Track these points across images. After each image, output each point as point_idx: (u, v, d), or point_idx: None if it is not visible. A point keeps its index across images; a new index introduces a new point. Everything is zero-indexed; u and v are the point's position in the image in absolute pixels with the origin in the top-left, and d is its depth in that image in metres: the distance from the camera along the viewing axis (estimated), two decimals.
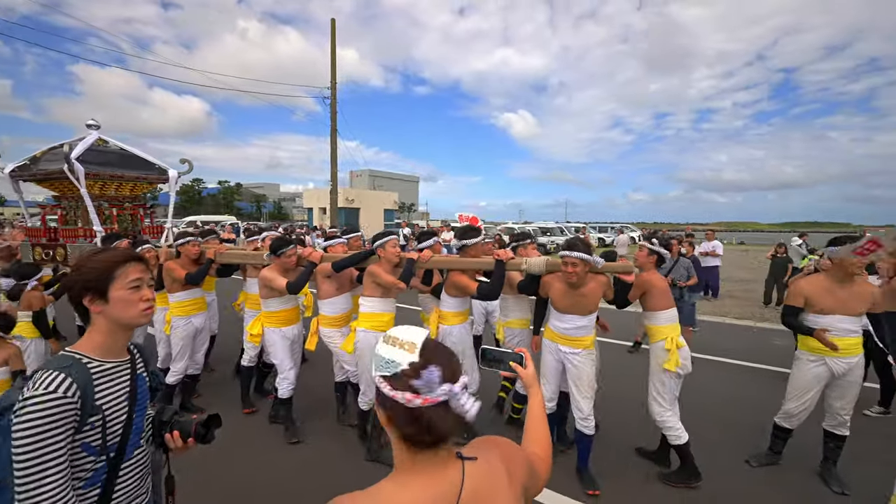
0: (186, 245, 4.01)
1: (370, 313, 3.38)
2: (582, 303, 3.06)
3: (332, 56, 18.28)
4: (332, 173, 19.19)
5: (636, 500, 2.96)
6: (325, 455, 3.46)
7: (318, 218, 32.85)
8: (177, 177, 5.84)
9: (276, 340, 3.70)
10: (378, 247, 3.41)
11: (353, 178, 73.19)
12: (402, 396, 0.79)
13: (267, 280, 3.57)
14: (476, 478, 0.88)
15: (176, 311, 4.00)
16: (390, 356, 0.83)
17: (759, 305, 9.75)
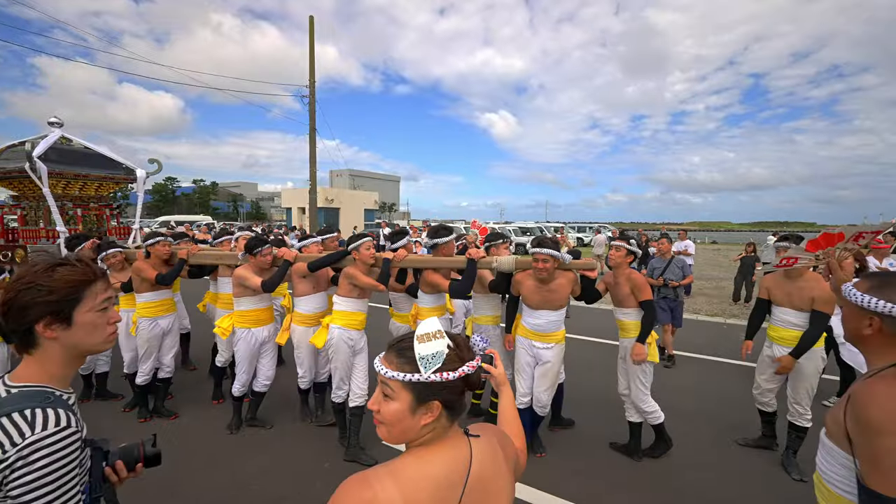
0: (156, 245, 3.92)
1: (345, 312, 3.45)
2: (552, 298, 3.20)
3: (311, 54, 18.03)
4: (311, 173, 18.92)
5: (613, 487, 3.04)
6: (299, 457, 3.42)
7: (297, 218, 32.35)
8: (145, 177, 5.69)
9: (242, 342, 3.71)
10: (353, 249, 3.45)
11: (334, 177, 72.37)
12: (467, 367, 0.92)
13: (241, 279, 3.59)
14: (481, 453, 0.96)
15: (142, 311, 3.92)
16: (433, 350, 0.90)
17: (730, 302, 10.08)
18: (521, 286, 3.31)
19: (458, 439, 0.95)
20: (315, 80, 18.17)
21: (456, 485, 0.89)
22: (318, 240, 4.06)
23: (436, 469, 0.89)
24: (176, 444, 3.58)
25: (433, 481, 0.87)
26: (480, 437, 0.99)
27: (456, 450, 0.93)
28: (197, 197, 64.75)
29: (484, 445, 0.98)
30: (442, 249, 3.62)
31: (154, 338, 3.94)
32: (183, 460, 3.35)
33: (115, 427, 3.87)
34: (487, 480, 0.94)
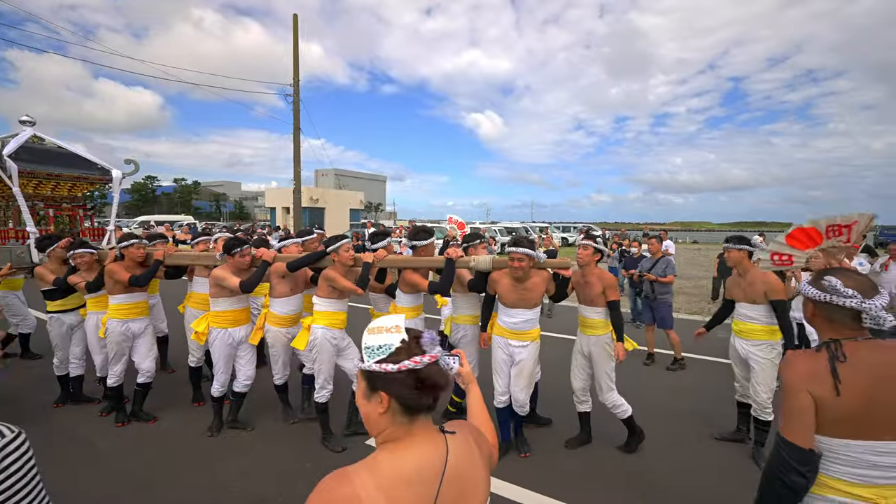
0: (130, 248, 3.83)
1: (327, 312, 3.48)
2: (527, 297, 3.26)
3: (295, 53, 17.85)
4: (296, 172, 18.73)
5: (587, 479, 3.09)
6: (280, 457, 3.40)
7: (281, 218, 31.97)
8: (121, 178, 5.52)
9: (218, 342, 3.68)
10: (332, 251, 3.46)
11: (319, 177, 71.71)
12: (410, 362, 0.91)
13: (219, 279, 3.56)
14: (457, 449, 0.98)
15: (113, 313, 3.83)
16: (381, 342, 0.94)
17: (708, 301, 10.32)
18: (497, 285, 3.35)
19: (433, 436, 0.97)
20: (299, 79, 18.01)
21: (432, 480, 0.90)
22: (298, 241, 4.05)
23: (410, 464, 0.90)
24: (155, 448, 3.53)
25: (408, 476, 0.89)
26: (456, 433, 1.01)
27: (431, 446, 0.94)
28: (178, 196, 63.47)
29: (460, 441, 1.00)
30: (421, 251, 3.67)
31: (125, 340, 3.86)
32: (162, 463, 3.32)
33: (91, 432, 3.80)
34: (464, 476, 0.96)
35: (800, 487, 1.38)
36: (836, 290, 1.43)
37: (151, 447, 3.54)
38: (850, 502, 1.37)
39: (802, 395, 1.38)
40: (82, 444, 3.60)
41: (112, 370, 3.89)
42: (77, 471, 3.24)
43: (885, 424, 1.33)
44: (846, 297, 1.41)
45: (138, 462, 3.34)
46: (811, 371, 1.39)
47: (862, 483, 1.36)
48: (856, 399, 1.33)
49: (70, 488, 3.01)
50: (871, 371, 1.35)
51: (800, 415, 1.39)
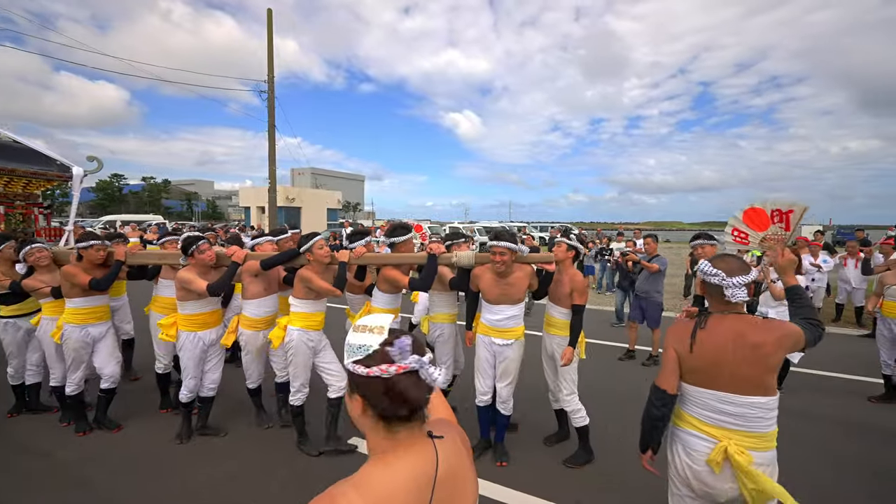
0: (90, 250, 3.58)
1: (304, 313, 3.37)
2: (510, 292, 3.21)
3: (270, 48, 17.45)
4: (271, 171, 18.32)
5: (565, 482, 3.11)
6: (253, 463, 3.30)
7: (256, 217, 31.24)
8: (82, 175, 5.21)
9: (188, 346, 3.53)
10: (306, 250, 3.34)
11: (295, 176, 70.46)
12: (378, 370, 0.86)
13: (184, 282, 3.37)
14: (446, 454, 0.95)
15: (70, 318, 3.57)
16: (361, 341, 0.90)
17: (680, 298, 10.61)
18: (479, 280, 3.30)
19: (423, 444, 0.93)
20: (274, 75, 17.62)
21: (423, 489, 0.87)
22: (272, 239, 3.91)
23: (401, 476, 0.87)
24: (120, 456, 3.37)
25: (399, 489, 0.85)
26: (445, 437, 0.97)
27: (420, 455, 0.91)
28: (147, 195, 61.23)
29: (448, 446, 0.97)
30: (400, 248, 3.59)
31: (83, 346, 3.63)
32: (128, 472, 3.17)
33: (53, 442, 3.59)
34: (454, 480, 0.93)
35: (656, 417, 1.87)
36: (704, 270, 1.86)
37: (115, 456, 3.38)
38: (702, 436, 1.80)
39: (670, 350, 1.88)
40: (40, 456, 3.40)
41: (70, 378, 3.68)
42: (35, 482, 3.07)
43: (725, 380, 1.75)
44: (711, 276, 1.82)
45: (101, 472, 3.19)
46: (678, 334, 1.88)
47: (711, 423, 1.79)
48: (704, 357, 1.78)
49: (27, 500, 2.85)
50: (721, 338, 1.76)
51: (666, 364, 1.89)
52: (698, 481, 1.82)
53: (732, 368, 1.73)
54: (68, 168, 5.29)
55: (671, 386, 1.85)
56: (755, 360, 1.70)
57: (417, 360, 0.88)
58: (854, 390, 4.78)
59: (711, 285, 1.83)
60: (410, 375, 0.87)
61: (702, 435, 1.80)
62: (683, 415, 1.89)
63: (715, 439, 1.77)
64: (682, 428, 1.89)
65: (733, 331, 1.75)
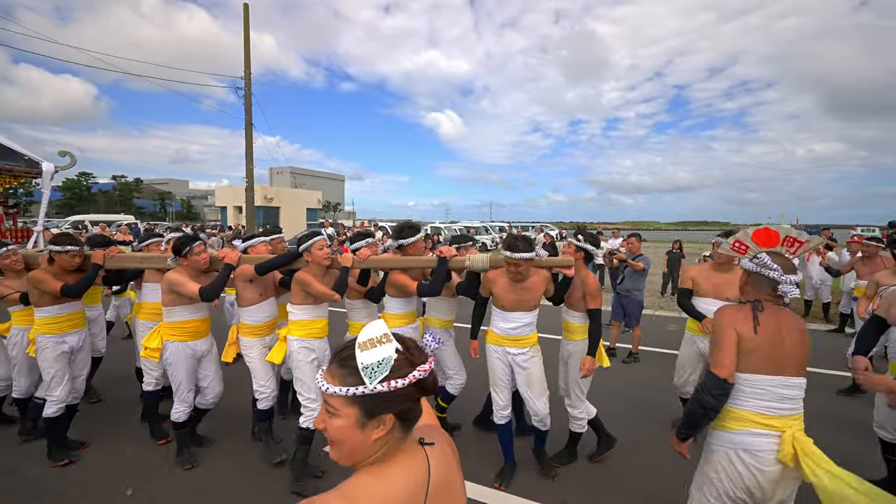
0: (63, 255, 3.21)
1: (303, 321, 3.11)
2: (526, 298, 3.00)
3: (246, 45, 17.08)
4: (248, 169, 17.93)
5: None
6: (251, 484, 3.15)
7: (232, 217, 30.55)
8: (52, 171, 4.88)
9: (178, 357, 3.18)
10: (304, 250, 3.10)
11: (274, 175, 69.20)
12: (419, 372, 0.83)
13: (174, 284, 3.07)
14: (437, 461, 0.91)
15: (43, 328, 3.23)
16: (379, 357, 0.82)
17: (657, 295, 10.84)
18: (493, 285, 3.06)
19: (415, 451, 0.88)
20: (251, 72, 17.25)
21: (416, 499, 0.84)
22: (266, 239, 3.64)
23: (395, 487, 0.82)
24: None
25: (392, 500, 0.81)
26: (434, 444, 0.94)
27: (413, 464, 0.87)
28: (118, 195, 59.11)
29: (438, 452, 0.93)
30: (409, 250, 3.32)
31: (62, 357, 3.28)
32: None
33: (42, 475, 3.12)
34: (446, 488, 0.91)
35: (710, 406, 1.76)
36: (765, 263, 1.87)
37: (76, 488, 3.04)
38: (768, 432, 1.70)
39: (729, 331, 1.78)
40: (6, 471, 3.16)
41: (52, 395, 3.25)
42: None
43: (787, 362, 1.73)
44: (771, 270, 1.84)
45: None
46: (737, 315, 1.82)
47: (773, 414, 1.71)
48: (768, 337, 1.74)
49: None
50: (779, 321, 1.78)
51: (726, 345, 1.77)
52: (766, 484, 1.68)
53: (791, 350, 1.74)
54: (37, 164, 4.96)
55: (730, 372, 1.75)
56: (803, 342, 1.77)
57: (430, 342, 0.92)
58: (823, 384, 4.95)
59: (765, 278, 1.86)
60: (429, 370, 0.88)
61: (766, 431, 1.70)
62: (739, 414, 1.75)
63: (779, 431, 1.69)
64: (736, 430, 1.74)
65: (784, 315, 1.81)
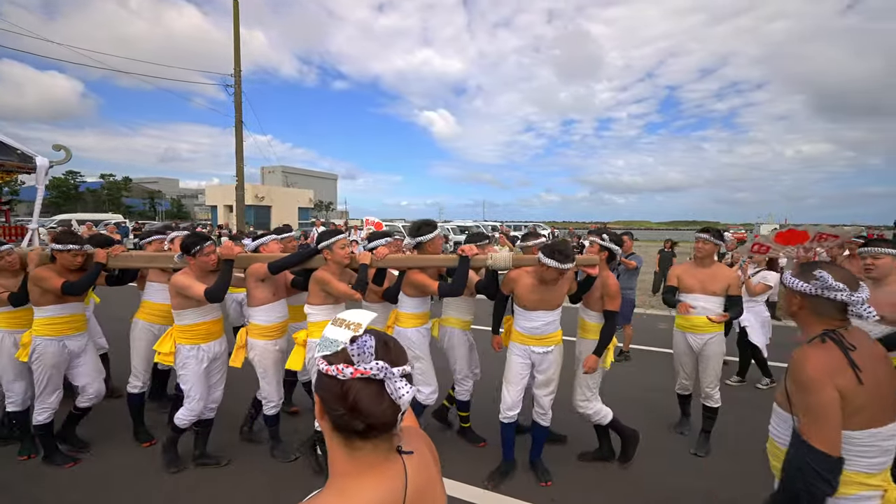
0: (65, 254, 3.09)
1: (323, 322, 3.01)
2: (549, 298, 2.97)
3: (236, 41, 16.91)
4: (238, 168, 17.76)
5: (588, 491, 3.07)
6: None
7: (223, 216, 30.27)
8: (47, 166, 4.68)
9: (191, 361, 3.09)
10: (325, 248, 3.02)
11: (265, 174, 68.67)
12: (334, 369, 0.75)
13: (181, 287, 2.97)
14: (416, 472, 0.85)
15: (43, 329, 3.09)
16: (334, 335, 0.81)
17: (649, 294, 10.90)
18: (515, 284, 3.03)
19: (389, 463, 0.82)
20: (241, 70, 17.09)
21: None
22: (277, 237, 3.56)
23: (363, 501, 0.77)
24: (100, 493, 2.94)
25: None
26: (413, 452, 0.88)
27: (386, 477, 0.80)
28: (106, 193, 58.28)
29: (416, 460, 0.88)
30: (427, 247, 3.25)
31: (61, 364, 3.15)
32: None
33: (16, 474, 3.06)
34: (423, 497, 0.86)
35: (825, 493, 1.32)
36: (827, 283, 1.43)
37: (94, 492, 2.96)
38: (872, 492, 1.37)
39: (829, 389, 1.32)
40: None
41: (44, 402, 3.14)
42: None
43: (887, 405, 1.37)
44: (836, 291, 1.42)
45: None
46: (832, 363, 1.36)
47: (875, 472, 1.38)
48: (870, 384, 1.33)
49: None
50: (866, 352, 1.38)
51: (829, 412, 1.32)
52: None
53: (888, 387, 1.38)
54: (31, 158, 4.75)
55: (837, 445, 1.33)
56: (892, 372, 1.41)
57: (381, 368, 0.75)
58: None
59: (829, 301, 1.43)
60: (370, 384, 0.75)
61: (871, 492, 1.39)
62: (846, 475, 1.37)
63: (881, 489, 1.39)
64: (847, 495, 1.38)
65: (864, 341, 1.42)
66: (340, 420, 0.76)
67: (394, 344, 0.83)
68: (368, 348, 0.76)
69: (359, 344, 0.76)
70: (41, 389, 3.14)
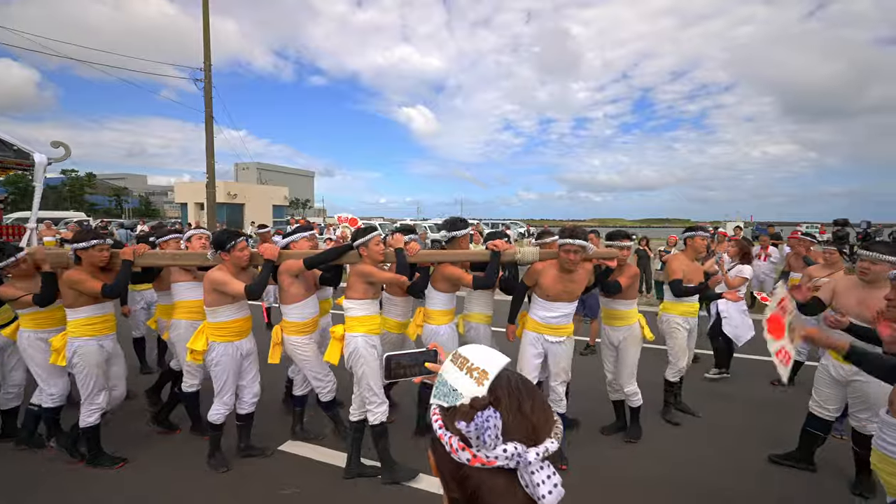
0: (90, 251, 3.05)
1: (363, 317, 3.05)
2: (571, 289, 3.17)
3: (206, 32, 16.36)
4: (209, 164, 17.24)
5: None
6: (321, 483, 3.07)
7: (193, 215, 29.36)
8: (45, 163, 4.50)
9: (225, 358, 3.12)
10: (361, 245, 3.05)
11: (239, 171, 66.99)
12: (447, 441, 0.57)
13: (218, 283, 3.00)
14: None
15: (80, 330, 3.07)
16: (454, 382, 0.63)
17: None
18: (541, 276, 3.18)
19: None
20: (212, 62, 16.56)
21: None
22: (307, 234, 3.60)
23: None
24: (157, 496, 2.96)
25: None
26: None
27: None
28: (67, 190, 55.61)
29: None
30: (460, 242, 3.37)
31: (102, 363, 3.17)
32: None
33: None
34: None
35: None
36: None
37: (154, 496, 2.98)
38: None
39: None
40: None
41: (93, 403, 3.13)
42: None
43: None
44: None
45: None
46: None
47: None
48: None
49: None
50: None
51: None
52: None
53: None
54: (28, 154, 4.58)
55: None
56: None
57: (512, 455, 0.53)
58: (762, 371, 5.20)
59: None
60: (497, 474, 0.55)
61: None
62: None
63: None
64: None
65: None
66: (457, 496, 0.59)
67: (532, 403, 0.60)
68: (492, 429, 0.54)
69: (478, 424, 0.55)
70: (88, 391, 3.12)
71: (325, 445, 3.50)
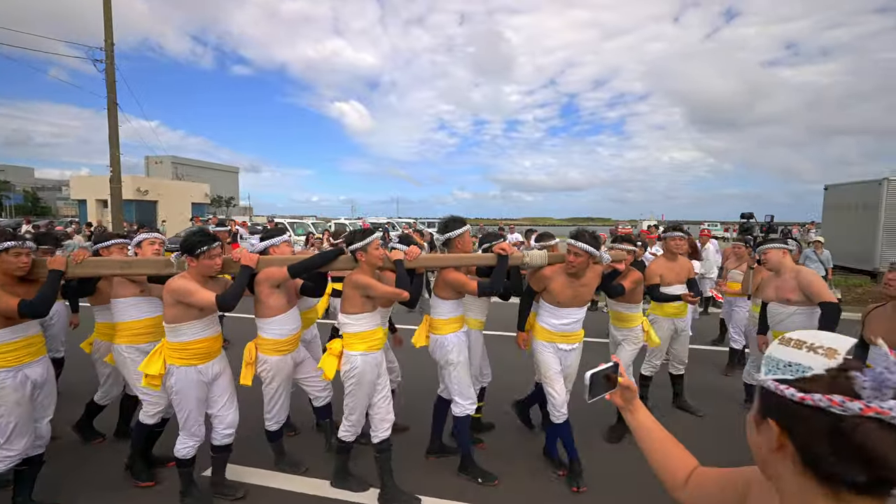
0: (3, 255, 2.42)
1: (364, 332, 2.73)
2: (581, 293, 3.04)
3: (107, 5, 14.56)
4: (112, 156, 15.35)
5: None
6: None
7: (95, 213, 26.11)
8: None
9: (185, 384, 2.60)
10: (358, 250, 2.70)
11: (152, 165, 60.86)
12: (824, 399, 0.60)
13: (181, 294, 2.49)
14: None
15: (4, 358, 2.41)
16: (792, 358, 0.69)
17: None
18: (550, 281, 3.01)
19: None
20: (114, 41, 14.80)
21: None
22: (287, 238, 3.15)
23: None
24: None
25: None
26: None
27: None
28: None
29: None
30: (457, 244, 3.09)
31: (25, 398, 2.48)
32: None
33: None
34: None
35: None
36: None
37: None
38: None
39: None
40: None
41: (11, 448, 2.45)
42: None
43: None
44: None
45: None
46: None
47: None
48: None
49: None
50: None
51: None
52: None
53: None
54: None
55: None
56: None
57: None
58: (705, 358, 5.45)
59: None
60: (886, 429, 0.58)
61: None
62: None
63: None
64: None
65: None
66: (830, 465, 0.61)
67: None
68: (890, 384, 0.58)
69: (874, 375, 0.59)
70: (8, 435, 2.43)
71: (309, 476, 3.11)
